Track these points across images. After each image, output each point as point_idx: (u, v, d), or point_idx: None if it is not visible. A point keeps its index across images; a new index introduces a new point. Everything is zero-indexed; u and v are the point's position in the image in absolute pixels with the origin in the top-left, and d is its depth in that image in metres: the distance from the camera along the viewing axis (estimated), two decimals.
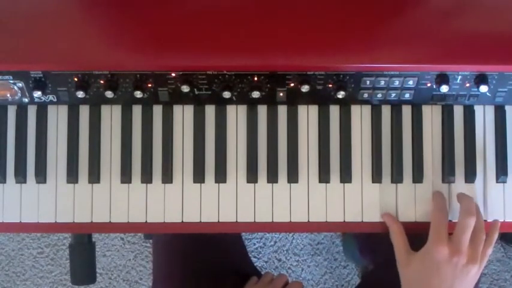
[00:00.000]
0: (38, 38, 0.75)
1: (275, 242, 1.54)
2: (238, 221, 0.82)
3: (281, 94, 0.80)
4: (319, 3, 0.77)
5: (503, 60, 0.75)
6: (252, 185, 0.83)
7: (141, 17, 0.77)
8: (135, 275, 1.55)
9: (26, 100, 0.81)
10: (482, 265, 0.77)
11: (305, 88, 0.77)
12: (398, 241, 0.80)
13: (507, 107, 0.83)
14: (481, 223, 0.78)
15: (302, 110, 0.83)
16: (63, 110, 0.83)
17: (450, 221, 0.81)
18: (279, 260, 1.54)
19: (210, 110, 0.83)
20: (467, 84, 0.78)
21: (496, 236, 0.79)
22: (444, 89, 0.77)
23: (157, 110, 0.83)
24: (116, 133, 0.83)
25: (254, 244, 1.54)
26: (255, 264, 1.29)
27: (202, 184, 0.82)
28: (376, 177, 0.82)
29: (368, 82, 0.78)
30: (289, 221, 0.82)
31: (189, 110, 0.83)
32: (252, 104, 0.83)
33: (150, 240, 1.51)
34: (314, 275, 1.54)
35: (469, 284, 0.76)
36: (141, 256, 1.55)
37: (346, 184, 0.83)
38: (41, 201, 0.82)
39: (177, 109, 0.83)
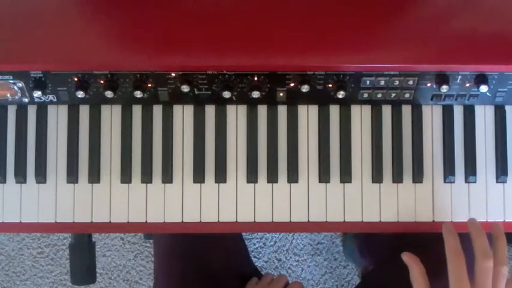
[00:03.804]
0: (38, 38, 0.75)
1: (275, 242, 1.54)
2: (238, 221, 0.82)
3: (281, 94, 0.80)
4: (319, 3, 0.77)
5: (503, 60, 0.75)
6: (252, 185, 0.83)
7: (141, 16, 0.77)
8: (135, 275, 1.55)
9: (26, 100, 0.81)
10: None
11: (305, 88, 0.77)
12: (420, 286, 0.75)
13: (507, 107, 0.83)
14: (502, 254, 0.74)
15: (302, 110, 0.83)
16: (63, 110, 0.83)
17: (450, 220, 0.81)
18: (279, 260, 1.54)
19: (210, 110, 0.83)
20: (467, 84, 0.78)
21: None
22: (444, 89, 0.77)
23: (157, 110, 0.83)
24: (116, 133, 0.83)
25: (254, 244, 1.54)
26: (255, 264, 1.29)
27: (202, 184, 0.82)
28: (376, 177, 0.82)
29: (368, 82, 0.78)
30: (289, 221, 0.82)
31: (189, 110, 0.83)
32: (252, 104, 0.83)
33: (150, 240, 1.51)
34: (314, 275, 1.54)
35: None
36: (141, 256, 1.55)
37: (346, 184, 0.83)
38: (41, 201, 0.82)
39: (177, 109, 0.83)
